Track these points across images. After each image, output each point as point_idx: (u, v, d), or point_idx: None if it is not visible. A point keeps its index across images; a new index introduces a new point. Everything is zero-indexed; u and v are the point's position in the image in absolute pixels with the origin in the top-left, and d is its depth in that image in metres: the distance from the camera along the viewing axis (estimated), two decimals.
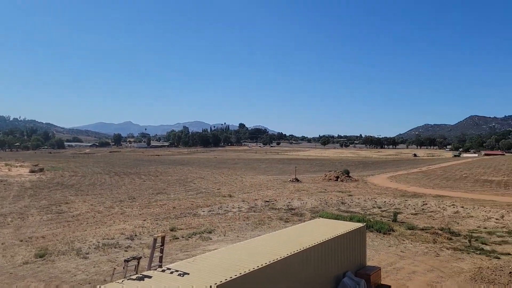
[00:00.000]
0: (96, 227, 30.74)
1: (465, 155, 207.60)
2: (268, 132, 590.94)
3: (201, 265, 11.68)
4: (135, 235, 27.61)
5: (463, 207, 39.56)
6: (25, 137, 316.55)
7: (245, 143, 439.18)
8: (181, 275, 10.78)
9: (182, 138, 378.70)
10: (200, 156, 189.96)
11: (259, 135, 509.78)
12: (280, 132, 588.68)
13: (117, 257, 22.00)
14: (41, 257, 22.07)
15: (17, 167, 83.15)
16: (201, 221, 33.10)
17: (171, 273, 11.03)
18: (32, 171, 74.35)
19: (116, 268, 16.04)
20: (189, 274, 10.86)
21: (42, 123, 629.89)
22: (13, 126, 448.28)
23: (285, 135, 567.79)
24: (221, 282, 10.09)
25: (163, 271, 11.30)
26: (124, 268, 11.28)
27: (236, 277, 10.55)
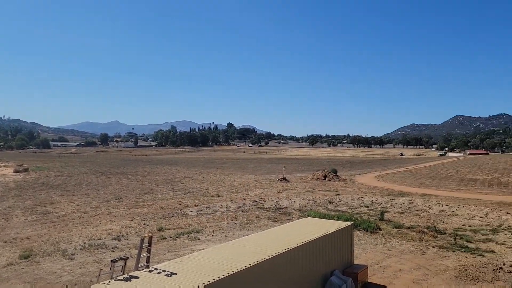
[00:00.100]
0: (82, 228, 30.38)
1: (450, 154, 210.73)
2: (256, 131, 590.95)
3: (188, 265, 11.65)
4: (122, 236, 27.37)
5: (448, 205, 40.15)
6: (9, 137, 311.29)
7: (234, 143, 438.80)
8: (169, 275, 10.75)
9: (170, 137, 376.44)
10: (188, 155, 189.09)
11: (248, 135, 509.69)
12: (268, 131, 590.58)
13: (103, 258, 21.78)
14: (25, 258, 21.74)
15: (0, 167, 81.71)
16: (189, 221, 32.97)
17: (159, 273, 10.99)
18: (16, 171, 73.10)
19: (102, 268, 15.88)
20: (176, 274, 10.83)
21: (27, 122, 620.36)
22: None
23: (274, 134, 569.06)
24: (208, 282, 10.08)
25: (151, 271, 11.24)
26: (110, 268, 11.20)
27: (224, 276, 10.56)
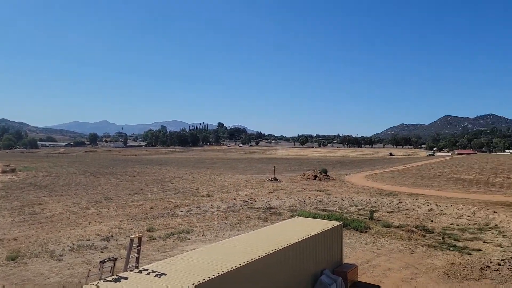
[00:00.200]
0: (70, 228, 30.05)
1: (439, 154, 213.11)
2: (247, 131, 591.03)
3: (178, 266, 11.59)
4: (111, 236, 27.13)
5: (436, 205, 40.58)
6: None
7: (224, 143, 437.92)
8: (158, 276, 10.68)
9: (160, 137, 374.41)
10: (178, 155, 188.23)
11: (238, 135, 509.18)
12: (259, 131, 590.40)
13: (92, 259, 21.59)
14: (13, 259, 21.43)
15: None
16: (179, 221, 32.82)
17: (148, 274, 10.91)
18: (3, 172, 72.09)
19: (91, 269, 15.71)
20: (166, 274, 10.76)
21: (14, 122, 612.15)
22: None
23: (264, 134, 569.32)
24: (199, 282, 10.03)
25: (140, 272, 11.16)
26: (99, 269, 11.10)
27: (214, 277, 10.53)
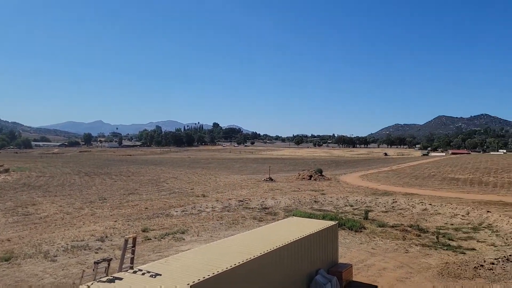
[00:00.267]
0: (65, 229, 29.87)
1: (433, 154, 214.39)
2: (242, 131, 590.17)
3: (173, 266, 11.56)
4: (106, 237, 27.01)
5: (431, 204, 40.79)
6: None
7: (219, 143, 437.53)
8: (153, 276, 10.65)
9: (155, 137, 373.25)
10: (173, 156, 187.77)
11: (233, 135, 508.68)
12: (254, 131, 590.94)
13: (87, 259, 21.48)
14: (6, 260, 21.27)
15: None
16: (174, 221, 32.74)
17: (143, 274, 10.87)
18: None
19: (85, 270, 15.65)
20: (161, 275, 10.73)
21: (7, 122, 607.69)
22: None
23: (259, 134, 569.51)
24: (194, 282, 10.02)
25: (135, 272, 11.12)
26: (94, 270, 11.05)
27: (209, 277, 10.51)
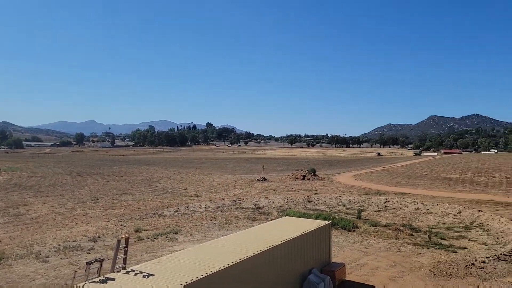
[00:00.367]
0: (56, 230, 29.63)
1: (425, 154, 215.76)
2: (235, 131, 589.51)
3: (166, 266, 11.52)
4: (98, 237, 26.84)
5: (423, 203, 41.08)
6: None
7: (213, 143, 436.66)
8: (146, 277, 10.60)
9: (148, 137, 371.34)
10: (166, 155, 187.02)
11: (227, 135, 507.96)
12: (247, 131, 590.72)
13: (79, 260, 21.32)
14: None
15: None
16: (167, 221, 32.62)
17: (136, 274, 10.82)
18: None
19: (77, 271, 15.53)
20: (154, 275, 10.69)
21: None
22: None
23: (253, 134, 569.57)
24: (187, 282, 9.99)
25: (127, 272, 11.06)
26: (86, 270, 10.96)
27: (202, 277, 10.49)
